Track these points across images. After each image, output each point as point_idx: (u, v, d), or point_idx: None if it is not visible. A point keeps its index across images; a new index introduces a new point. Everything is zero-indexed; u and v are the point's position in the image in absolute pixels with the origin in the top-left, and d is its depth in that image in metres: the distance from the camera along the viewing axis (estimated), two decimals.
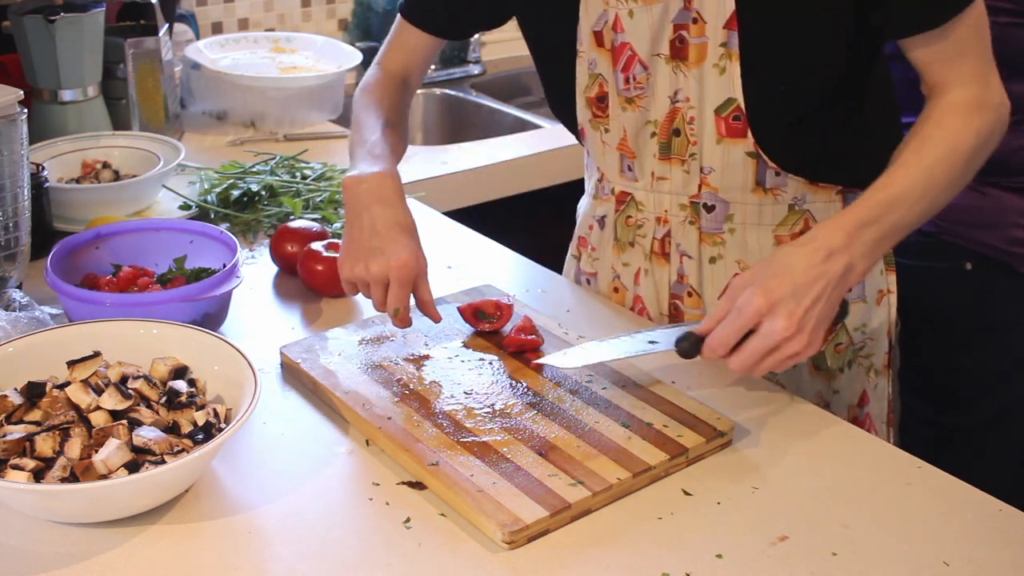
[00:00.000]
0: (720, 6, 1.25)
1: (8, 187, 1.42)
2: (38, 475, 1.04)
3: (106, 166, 1.79)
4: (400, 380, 1.26)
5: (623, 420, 1.19)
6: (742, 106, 1.28)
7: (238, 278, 1.35)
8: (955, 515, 1.09)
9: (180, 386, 1.15)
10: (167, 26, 2.10)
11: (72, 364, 1.13)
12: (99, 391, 1.11)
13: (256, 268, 1.59)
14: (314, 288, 1.50)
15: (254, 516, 1.07)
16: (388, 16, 2.60)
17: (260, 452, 1.17)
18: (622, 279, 1.51)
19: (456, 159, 2.15)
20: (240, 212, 1.72)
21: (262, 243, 1.67)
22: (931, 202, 1.20)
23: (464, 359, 1.31)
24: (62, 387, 1.12)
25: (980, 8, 1.21)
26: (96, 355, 1.14)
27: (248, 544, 1.04)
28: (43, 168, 1.61)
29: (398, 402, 1.22)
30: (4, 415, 1.11)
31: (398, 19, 1.51)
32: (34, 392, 1.12)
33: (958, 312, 1.77)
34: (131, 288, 1.37)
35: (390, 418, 1.19)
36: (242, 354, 1.16)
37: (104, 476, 1.03)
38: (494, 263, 1.64)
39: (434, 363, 1.30)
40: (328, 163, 1.90)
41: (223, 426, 1.12)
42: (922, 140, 1.21)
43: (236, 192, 1.75)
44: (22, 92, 1.43)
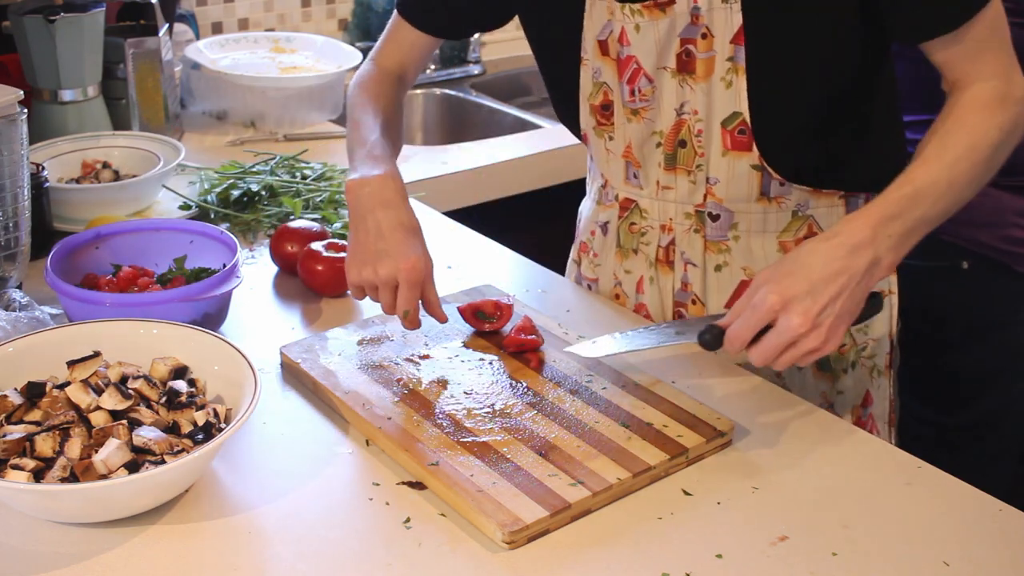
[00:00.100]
0: (728, 21, 1.24)
1: (8, 187, 1.42)
2: (38, 475, 1.04)
3: (106, 166, 1.79)
4: (400, 380, 1.26)
5: (623, 420, 1.19)
6: (747, 120, 1.28)
7: (238, 278, 1.35)
8: (955, 515, 1.09)
9: (180, 386, 1.15)
10: (167, 26, 2.10)
11: (72, 364, 1.13)
12: (99, 391, 1.11)
13: (256, 268, 1.59)
14: (314, 288, 1.50)
15: (254, 516, 1.07)
16: (388, 16, 2.57)
17: (260, 452, 1.17)
18: (624, 286, 1.50)
19: (456, 159, 2.15)
20: (240, 212, 1.72)
21: (262, 243, 1.67)
22: (955, 197, 1.19)
23: (464, 359, 1.31)
24: (62, 387, 1.12)
25: (997, 7, 1.20)
26: (96, 355, 1.14)
27: (248, 544, 1.04)
28: (43, 168, 1.61)
29: (398, 402, 1.22)
30: (4, 415, 1.11)
31: (395, 16, 1.50)
32: (34, 392, 1.12)
33: (955, 311, 1.78)
34: (131, 288, 1.37)
35: (390, 418, 1.19)
36: (242, 354, 1.16)
37: (104, 476, 1.03)
38: (494, 263, 1.64)
39: (434, 363, 1.30)
40: (328, 163, 1.90)
41: (223, 426, 1.12)
42: (944, 135, 1.20)
43: (236, 192, 1.75)
44: (22, 92, 1.43)
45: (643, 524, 1.07)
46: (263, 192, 1.76)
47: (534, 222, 2.16)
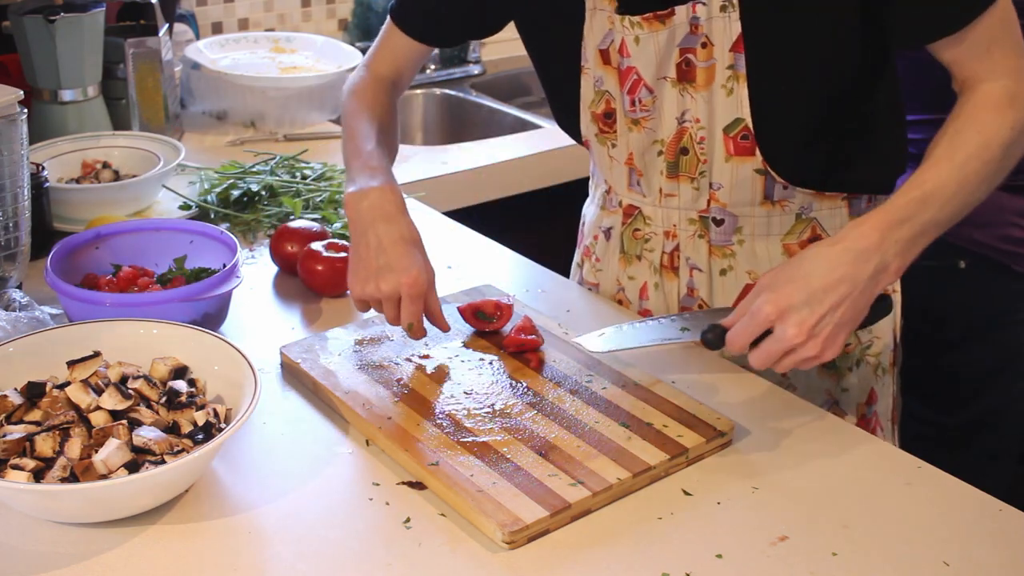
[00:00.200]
0: (727, 30, 1.24)
1: (8, 187, 1.42)
2: (38, 475, 1.04)
3: (106, 166, 1.79)
4: (400, 380, 1.26)
5: (623, 420, 1.19)
6: (750, 126, 1.28)
7: (238, 278, 1.35)
8: (955, 515, 1.09)
9: (180, 386, 1.15)
10: (167, 26, 2.10)
11: (72, 364, 1.13)
12: (99, 391, 1.11)
13: (256, 268, 1.59)
14: (314, 288, 1.50)
15: (254, 516, 1.07)
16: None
17: (260, 452, 1.17)
18: (627, 292, 1.50)
19: (456, 159, 2.15)
20: (240, 212, 1.72)
21: (262, 243, 1.67)
22: (966, 198, 1.17)
23: (464, 359, 1.31)
24: (62, 387, 1.12)
25: (1005, 3, 1.18)
26: (96, 355, 1.14)
27: (248, 544, 1.04)
28: (43, 168, 1.61)
29: (398, 402, 1.22)
30: (4, 415, 1.11)
31: (388, 23, 1.48)
32: (34, 392, 1.12)
33: (955, 311, 1.78)
34: (131, 288, 1.37)
35: (390, 418, 1.19)
36: (242, 354, 1.16)
37: (104, 476, 1.03)
38: (494, 263, 1.64)
39: (434, 363, 1.30)
40: (328, 163, 1.90)
41: (223, 426, 1.12)
42: (954, 136, 1.18)
43: (236, 192, 1.75)
44: (22, 92, 1.43)
45: (643, 524, 1.07)
46: (263, 192, 1.76)
47: (534, 222, 2.16)
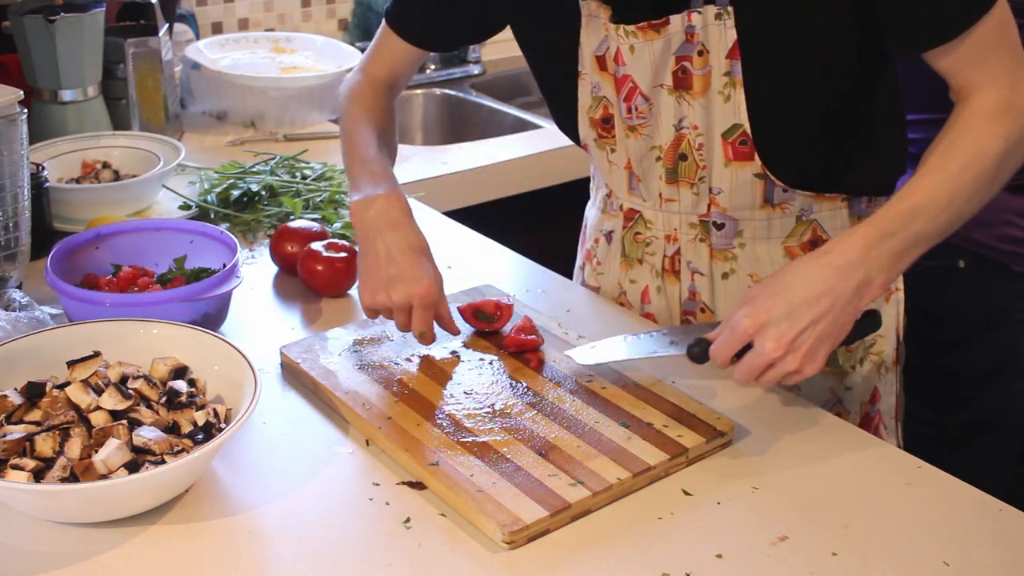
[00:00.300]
0: (722, 37, 1.23)
1: (8, 187, 1.42)
2: (38, 475, 1.04)
3: (106, 166, 1.79)
4: (400, 380, 1.26)
5: (623, 420, 1.19)
6: (748, 131, 1.27)
7: (238, 278, 1.35)
8: (955, 515, 1.09)
9: (180, 386, 1.15)
10: (167, 26, 2.10)
11: (72, 364, 1.13)
12: (99, 391, 1.11)
13: (256, 268, 1.59)
14: (314, 288, 1.50)
15: (254, 516, 1.07)
16: None
17: (260, 452, 1.17)
18: (628, 296, 1.50)
19: (456, 159, 2.15)
20: (240, 212, 1.72)
21: (262, 243, 1.67)
22: (957, 210, 1.16)
23: (464, 359, 1.31)
24: (62, 387, 1.12)
25: (1002, 9, 1.16)
26: (96, 355, 1.14)
27: (248, 544, 1.04)
28: (43, 168, 1.61)
29: (398, 402, 1.22)
30: (4, 415, 1.11)
31: (383, 26, 1.48)
32: (34, 392, 1.12)
33: (954, 311, 1.77)
34: (131, 288, 1.37)
35: (390, 418, 1.19)
36: (242, 354, 1.16)
37: (104, 476, 1.03)
38: (494, 263, 1.64)
39: (434, 363, 1.30)
40: (328, 163, 1.90)
41: (223, 426, 1.12)
42: (947, 147, 1.17)
43: (236, 192, 1.75)
44: (22, 92, 1.43)
45: (643, 524, 1.07)
46: (263, 192, 1.76)
47: (534, 222, 2.16)
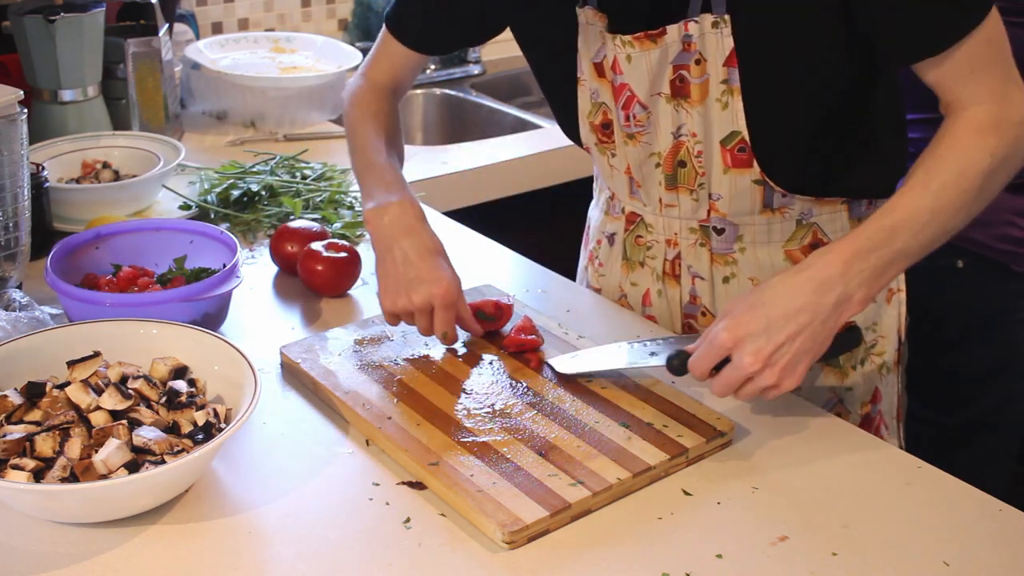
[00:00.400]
0: (719, 45, 1.23)
1: (8, 187, 1.42)
2: (38, 475, 1.04)
3: (106, 166, 1.79)
4: (400, 380, 1.26)
5: (623, 420, 1.19)
6: (746, 138, 1.27)
7: (238, 278, 1.35)
8: (955, 515, 1.09)
9: (180, 386, 1.15)
10: (167, 26, 2.10)
11: (72, 364, 1.13)
12: (99, 391, 1.11)
13: (256, 268, 1.59)
14: (314, 288, 1.50)
15: (254, 516, 1.07)
16: None
17: (260, 452, 1.17)
18: (629, 298, 1.50)
19: (456, 159, 2.15)
20: (240, 212, 1.72)
21: (262, 243, 1.67)
22: (941, 226, 1.15)
23: (464, 359, 1.31)
24: (62, 387, 1.12)
25: (993, 23, 1.15)
26: (96, 355, 1.14)
27: (248, 544, 1.04)
28: (43, 168, 1.61)
29: (398, 402, 1.22)
30: (4, 415, 1.11)
31: (384, 31, 1.47)
32: (34, 392, 1.12)
33: (953, 311, 1.78)
34: (131, 288, 1.37)
35: (390, 418, 1.19)
36: (242, 354, 1.16)
37: (104, 476, 1.03)
38: (494, 263, 1.64)
39: (434, 363, 1.30)
40: (328, 163, 1.90)
41: (223, 426, 1.12)
42: (933, 162, 1.16)
43: (236, 192, 1.75)
44: (22, 92, 1.43)
45: (643, 524, 1.07)
46: (263, 192, 1.76)
47: (534, 222, 2.16)
